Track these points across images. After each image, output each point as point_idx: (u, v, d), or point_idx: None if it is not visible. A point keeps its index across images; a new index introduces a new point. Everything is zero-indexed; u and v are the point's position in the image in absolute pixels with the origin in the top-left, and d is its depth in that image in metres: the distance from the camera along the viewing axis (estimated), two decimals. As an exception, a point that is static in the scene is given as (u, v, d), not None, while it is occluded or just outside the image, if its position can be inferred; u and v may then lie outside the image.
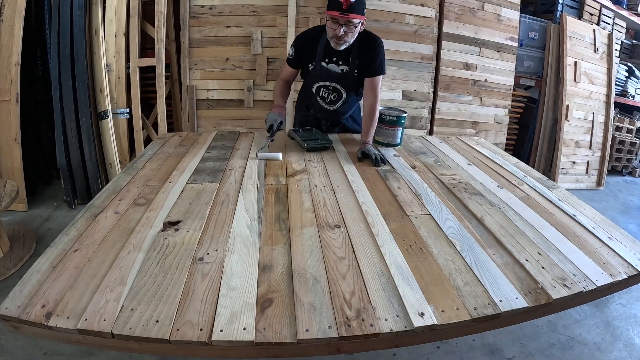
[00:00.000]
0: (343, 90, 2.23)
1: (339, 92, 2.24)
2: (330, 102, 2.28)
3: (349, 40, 2.03)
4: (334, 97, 2.26)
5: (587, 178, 4.53)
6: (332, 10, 1.92)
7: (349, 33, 1.99)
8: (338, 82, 2.20)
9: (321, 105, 2.31)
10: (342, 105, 2.30)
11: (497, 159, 2.24)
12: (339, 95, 2.25)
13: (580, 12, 4.55)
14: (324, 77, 2.21)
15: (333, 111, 2.33)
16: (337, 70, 2.17)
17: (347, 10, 1.89)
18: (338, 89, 2.23)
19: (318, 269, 1.14)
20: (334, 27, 1.97)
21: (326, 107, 2.31)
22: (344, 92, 2.24)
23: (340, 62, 2.16)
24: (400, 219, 1.46)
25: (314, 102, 2.34)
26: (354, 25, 1.98)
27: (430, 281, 1.12)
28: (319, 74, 2.20)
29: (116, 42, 3.30)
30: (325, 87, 2.24)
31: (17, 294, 1.00)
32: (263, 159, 1.98)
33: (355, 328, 0.94)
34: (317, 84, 2.25)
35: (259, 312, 0.97)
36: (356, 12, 1.92)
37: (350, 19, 1.93)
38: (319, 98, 2.29)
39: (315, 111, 2.38)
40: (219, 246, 1.24)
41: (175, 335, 0.90)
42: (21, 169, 3.11)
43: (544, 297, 1.09)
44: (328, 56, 2.15)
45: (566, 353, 2.08)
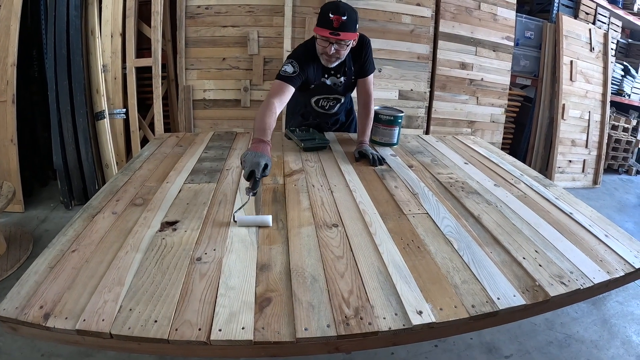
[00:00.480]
0: (342, 96, 2.22)
1: (338, 98, 2.23)
2: (329, 108, 2.28)
3: (340, 57, 1.93)
4: (333, 104, 2.26)
5: (584, 177, 4.54)
6: (322, 28, 1.79)
7: (340, 51, 1.88)
8: (337, 93, 2.17)
9: (319, 111, 2.30)
10: (339, 107, 2.31)
11: (493, 157, 2.25)
12: (338, 101, 2.25)
13: (576, 11, 4.57)
14: (325, 92, 2.15)
15: (332, 114, 2.34)
16: (337, 82, 2.11)
17: (338, 29, 1.77)
18: (338, 97, 2.22)
19: (316, 268, 1.14)
20: (324, 45, 1.86)
21: (325, 112, 2.31)
22: (342, 98, 2.24)
23: (338, 75, 2.08)
24: (398, 218, 1.47)
25: (310, 110, 2.30)
26: (346, 45, 1.87)
27: (428, 279, 1.12)
28: (320, 90, 2.13)
29: (112, 42, 3.30)
30: (326, 98, 2.20)
31: (14, 295, 1.00)
32: (243, 225, 1.36)
33: (353, 327, 0.94)
34: (317, 97, 2.20)
35: (258, 312, 0.97)
36: (348, 31, 1.80)
37: (341, 40, 1.82)
38: (317, 107, 2.26)
39: (314, 117, 2.36)
40: (216, 246, 1.24)
41: (174, 335, 0.89)
42: (17, 170, 3.10)
43: (541, 295, 1.10)
44: (327, 71, 2.05)
45: (564, 351, 2.09)
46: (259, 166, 1.43)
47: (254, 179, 1.42)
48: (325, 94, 2.16)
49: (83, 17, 3.21)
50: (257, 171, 1.42)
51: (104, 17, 3.27)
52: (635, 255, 1.34)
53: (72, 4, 3.10)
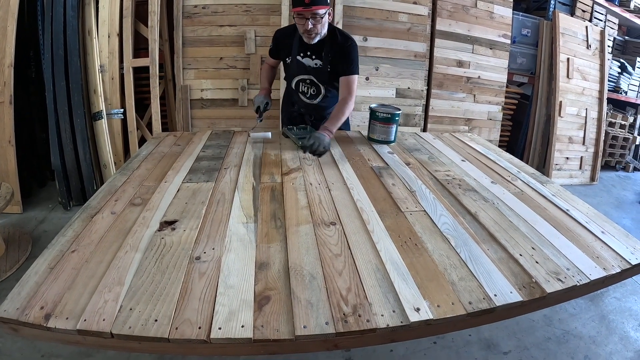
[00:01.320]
0: (320, 84, 2.29)
1: (317, 86, 2.30)
2: (310, 96, 2.36)
3: (319, 32, 2.10)
4: (314, 92, 2.33)
5: (581, 173, 4.56)
6: (297, 6, 2.01)
7: (317, 25, 2.06)
8: (313, 75, 2.27)
9: (303, 100, 2.40)
10: (322, 100, 2.35)
11: (490, 155, 2.25)
12: (318, 90, 2.32)
13: (572, 8, 4.58)
14: (301, 71, 2.29)
15: (315, 105, 2.39)
16: (311, 64, 2.25)
17: (310, 3, 1.97)
18: (315, 82, 2.29)
19: (314, 266, 1.15)
20: (302, 23, 2.05)
21: (308, 102, 2.39)
22: (322, 87, 2.30)
23: (313, 57, 2.23)
24: (395, 216, 1.47)
25: (296, 99, 2.43)
26: (320, 17, 2.04)
27: (426, 277, 1.13)
28: (295, 68, 2.29)
29: (110, 42, 3.29)
30: (303, 80, 2.32)
31: (15, 296, 1.00)
32: (255, 139, 2.22)
33: (352, 324, 0.95)
34: (296, 79, 2.35)
35: (257, 310, 0.97)
36: (319, 4, 1.99)
37: (315, 11, 2.00)
38: (300, 94, 2.38)
39: (299, 107, 2.46)
40: (215, 245, 1.24)
41: (174, 334, 0.90)
42: (16, 171, 3.09)
43: (538, 291, 1.10)
44: (303, 50, 2.23)
45: (562, 347, 2.10)
46: (262, 103, 2.38)
47: (260, 111, 2.38)
48: (301, 74, 2.31)
49: (80, 18, 3.21)
50: (261, 106, 2.37)
51: (101, 18, 3.27)
52: (632, 251, 1.35)
53: (69, 5, 3.09)
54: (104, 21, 3.27)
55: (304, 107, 2.44)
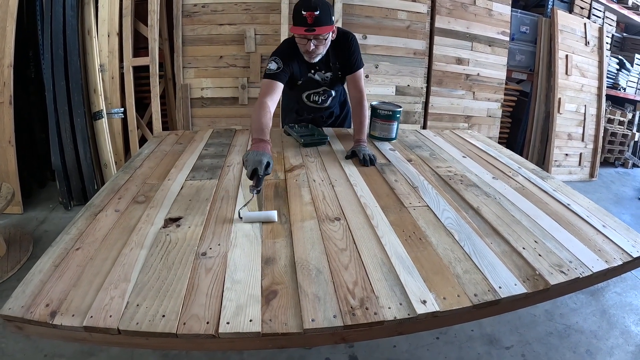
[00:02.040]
0: (331, 89, 2.24)
1: (328, 92, 2.25)
2: (321, 102, 2.29)
3: (321, 52, 1.94)
4: (324, 98, 2.28)
5: (580, 170, 4.57)
6: (297, 26, 1.79)
7: (319, 46, 1.89)
8: (326, 86, 2.19)
9: (313, 106, 2.31)
10: (331, 101, 2.33)
11: (491, 151, 2.26)
12: (329, 94, 2.27)
13: (571, 5, 4.59)
14: (314, 86, 2.17)
15: (325, 108, 2.36)
16: (323, 77, 2.14)
17: (313, 24, 1.76)
18: (328, 90, 2.23)
19: (320, 261, 1.15)
20: (303, 43, 1.87)
21: (318, 107, 2.32)
22: (333, 91, 2.26)
23: (323, 71, 2.10)
24: (399, 211, 1.48)
25: (303, 106, 2.33)
26: (324, 39, 1.87)
27: (431, 270, 1.14)
28: (308, 85, 2.15)
29: (109, 42, 3.30)
30: (316, 93, 2.23)
31: (20, 294, 1.00)
32: (248, 221, 1.37)
33: (359, 317, 0.95)
34: (307, 92, 2.22)
35: (264, 304, 0.98)
36: (323, 25, 1.78)
37: (318, 35, 1.81)
38: (309, 102, 2.28)
39: (308, 112, 2.38)
40: (221, 241, 1.24)
41: (182, 329, 0.90)
42: (16, 172, 3.09)
43: (541, 284, 1.11)
44: (312, 67, 2.06)
45: (564, 341, 2.12)
46: (261, 164, 1.46)
47: (257, 177, 1.45)
48: (314, 88, 2.18)
49: (79, 17, 3.21)
50: (259, 169, 1.46)
51: (100, 17, 3.27)
52: (633, 244, 1.36)
53: (68, 4, 3.09)
54: (104, 20, 3.27)
55: (313, 112, 2.37)
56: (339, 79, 2.17)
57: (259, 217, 1.38)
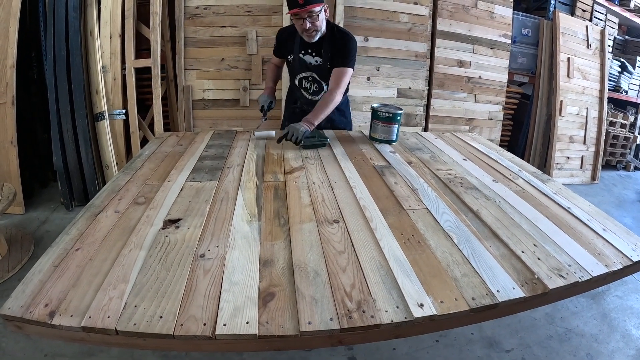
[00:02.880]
0: (322, 81, 2.32)
1: (319, 82, 2.34)
2: (313, 92, 2.39)
3: (318, 29, 2.14)
4: (316, 88, 2.37)
5: (582, 173, 4.57)
6: (292, 8, 2.04)
7: (315, 23, 2.10)
8: (315, 72, 2.31)
9: (306, 97, 2.43)
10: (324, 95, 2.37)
11: (492, 154, 2.26)
12: (320, 87, 2.35)
13: (572, 8, 4.59)
14: (303, 68, 2.34)
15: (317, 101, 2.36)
16: (312, 62, 2.29)
17: (304, 3, 2.01)
18: (317, 79, 2.33)
19: (318, 263, 1.15)
20: (300, 23, 2.10)
21: (310, 98, 2.42)
22: (323, 84, 2.33)
23: (314, 54, 2.28)
24: (398, 214, 1.48)
25: (299, 95, 2.46)
26: (317, 14, 2.08)
27: (429, 273, 1.13)
28: (298, 65, 2.33)
29: (111, 43, 3.31)
30: (306, 78, 2.36)
31: (19, 293, 1.00)
32: (259, 137, 2.25)
33: (356, 319, 0.95)
34: (299, 76, 2.39)
35: (262, 306, 0.98)
36: (313, 2, 2.03)
37: (311, 10, 2.04)
38: (303, 90, 2.41)
39: (302, 103, 2.47)
40: (219, 242, 1.25)
41: (179, 330, 0.90)
42: (18, 172, 3.10)
43: (540, 287, 1.11)
44: (304, 48, 2.28)
45: (564, 345, 2.11)
46: (266, 102, 2.44)
47: (265, 110, 2.43)
48: (303, 70, 2.35)
49: (82, 19, 3.22)
50: (265, 105, 2.43)
51: (102, 18, 3.28)
52: (633, 248, 1.35)
53: (70, 6, 3.11)
54: (106, 22, 3.28)
55: (307, 104, 2.44)
56: (328, 70, 2.26)
57: (264, 135, 2.28)
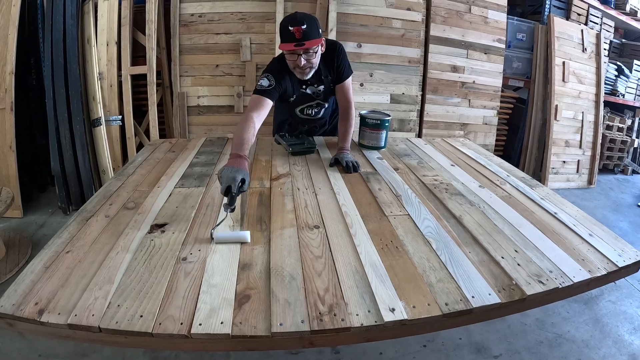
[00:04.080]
0: (324, 102, 2.25)
1: (322, 105, 2.27)
2: (315, 114, 2.31)
3: (313, 66, 1.94)
4: (318, 110, 2.29)
5: (578, 177, 4.56)
6: (286, 43, 1.80)
7: (311, 60, 1.89)
8: (320, 99, 2.20)
9: (306, 119, 2.33)
10: (324, 112, 2.35)
11: (481, 159, 2.26)
12: (322, 106, 2.28)
13: (567, 12, 4.60)
14: (307, 100, 2.17)
15: (318, 119, 2.38)
16: (315, 91, 2.14)
17: (301, 39, 1.77)
18: (321, 103, 2.25)
19: (295, 267, 1.18)
20: (293, 59, 1.87)
21: (311, 118, 2.34)
22: (326, 103, 2.27)
23: (315, 85, 2.11)
24: (379, 220, 1.50)
25: (297, 119, 2.33)
26: (314, 52, 1.87)
27: (404, 278, 1.15)
28: (302, 99, 2.16)
29: (108, 50, 3.35)
30: (310, 106, 2.24)
31: (12, 293, 1.06)
32: (220, 242, 1.31)
33: (327, 322, 0.98)
34: (301, 107, 2.24)
35: (237, 308, 1.01)
36: (311, 38, 1.80)
37: (308, 48, 1.82)
38: (303, 115, 2.30)
39: (300, 123, 2.38)
40: (202, 246, 1.28)
41: (158, 329, 0.95)
42: (16, 176, 3.15)
43: (517, 293, 1.11)
44: (304, 82, 2.07)
45: (554, 350, 2.10)
46: (235, 181, 1.39)
47: (231, 195, 1.37)
48: (307, 102, 2.19)
49: (79, 26, 3.28)
50: (233, 186, 1.38)
51: (99, 26, 3.33)
52: (619, 254, 1.35)
53: (68, 13, 3.16)
54: (103, 30, 3.33)
55: (306, 123, 2.37)
56: (331, 91, 2.17)
57: (230, 238, 1.32)
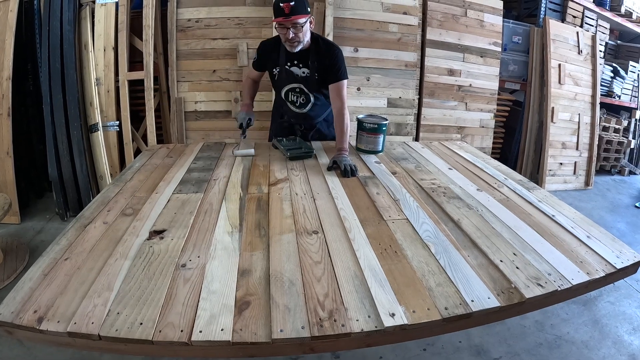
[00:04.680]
0: (310, 93, 2.31)
1: (306, 94, 2.33)
2: (300, 105, 2.38)
3: (301, 40, 2.14)
4: (303, 100, 2.36)
5: (575, 179, 4.58)
6: (277, 17, 2.05)
7: (298, 34, 2.10)
8: (302, 84, 2.30)
9: (292, 110, 2.41)
10: (312, 108, 2.38)
11: (478, 162, 2.28)
12: (307, 98, 2.34)
13: (563, 14, 4.62)
14: (290, 80, 2.31)
15: (305, 114, 2.41)
16: (299, 73, 2.28)
17: (289, 13, 2.01)
18: (305, 91, 2.31)
19: (294, 273, 1.18)
20: (284, 32, 2.10)
21: (297, 111, 2.41)
22: (311, 95, 2.32)
23: (300, 65, 2.27)
24: (377, 224, 1.50)
25: (286, 109, 2.46)
26: (301, 25, 2.08)
27: (403, 283, 1.16)
28: (285, 77, 2.31)
29: (105, 56, 3.34)
30: (293, 90, 2.34)
31: (10, 300, 1.05)
32: (239, 155, 2.22)
33: (327, 328, 0.98)
34: (285, 88, 2.36)
35: (237, 314, 1.01)
36: (299, 13, 2.03)
37: (295, 20, 2.04)
38: (289, 103, 2.40)
39: (289, 117, 2.48)
40: (201, 253, 1.28)
41: (158, 337, 0.94)
42: (14, 182, 3.14)
43: (517, 297, 1.12)
44: (290, 60, 2.27)
45: (554, 352, 2.11)
46: (244, 120, 2.40)
47: (243, 128, 2.39)
48: (290, 82, 2.32)
49: (76, 31, 3.27)
50: (244, 123, 2.40)
51: (96, 31, 3.32)
52: (617, 255, 1.36)
53: (65, 19, 3.16)
54: (100, 35, 3.32)
55: (294, 117, 2.46)
56: (316, 82, 2.27)
57: (243, 153, 2.24)
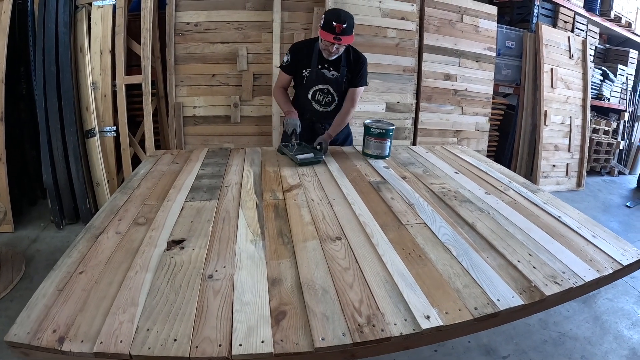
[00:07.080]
0: (335, 93, 2.42)
1: (332, 95, 2.43)
2: (325, 104, 2.46)
3: (340, 53, 2.29)
4: (329, 100, 2.45)
5: (567, 180, 4.67)
6: (327, 33, 2.15)
7: (340, 49, 2.26)
8: (331, 85, 2.39)
9: (316, 109, 2.48)
10: (335, 108, 2.47)
11: (482, 166, 2.32)
12: (333, 98, 2.45)
13: (554, 20, 4.72)
14: (320, 81, 2.42)
15: (328, 113, 2.48)
16: (329, 75, 2.39)
17: (340, 34, 2.13)
18: (332, 91, 2.42)
19: (325, 280, 1.18)
20: (328, 46, 2.23)
21: (321, 110, 2.49)
22: (336, 96, 2.43)
23: (331, 69, 2.38)
24: (397, 229, 1.51)
25: (309, 108, 2.51)
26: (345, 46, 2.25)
27: (432, 285, 1.18)
28: (315, 78, 2.41)
29: (102, 59, 3.29)
30: (321, 90, 2.45)
31: (24, 319, 0.99)
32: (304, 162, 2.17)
33: (367, 334, 0.98)
34: (314, 88, 2.45)
35: (275, 325, 1.00)
36: (347, 35, 2.16)
37: (343, 43, 2.19)
38: (314, 102, 2.46)
39: (311, 115, 2.51)
40: (226, 263, 1.26)
41: (195, 353, 0.91)
42: (7, 190, 3.05)
43: (537, 295, 1.17)
44: (321, 62, 2.37)
45: (559, 348, 2.17)
46: (296, 125, 2.33)
47: (295, 133, 2.31)
48: (320, 83, 2.43)
49: (72, 34, 3.21)
50: (296, 129, 2.32)
51: (93, 34, 3.27)
52: (622, 253, 1.43)
53: (60, 21, 3.09)
54: (96, 38, 3.27)
55: (316, 116, 2.52)
56: (342, 85, 2.42)
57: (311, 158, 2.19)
